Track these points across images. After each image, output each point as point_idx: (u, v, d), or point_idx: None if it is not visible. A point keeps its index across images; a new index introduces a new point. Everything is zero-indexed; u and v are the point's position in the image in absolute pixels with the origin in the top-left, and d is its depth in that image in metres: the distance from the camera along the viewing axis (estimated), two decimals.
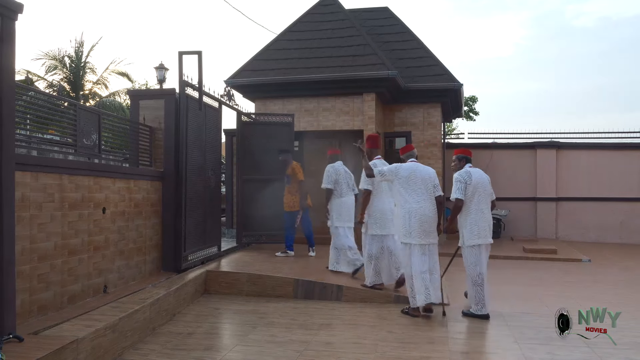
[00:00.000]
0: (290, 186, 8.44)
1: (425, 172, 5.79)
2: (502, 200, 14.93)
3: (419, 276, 5.59)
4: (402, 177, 5.68)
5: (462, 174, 5.75)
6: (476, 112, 23.86)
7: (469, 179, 5.69)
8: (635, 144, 14.95)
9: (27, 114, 5.56)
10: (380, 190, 6.30)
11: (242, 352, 4.51)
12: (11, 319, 3.77)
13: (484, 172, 5.95)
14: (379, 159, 6.45)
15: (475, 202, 5.69)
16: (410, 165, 5.78)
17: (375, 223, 6.31)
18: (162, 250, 6.87)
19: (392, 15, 13.66)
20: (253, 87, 11.34)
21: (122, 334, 4.45)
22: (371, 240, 6.36)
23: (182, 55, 6.84)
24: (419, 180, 5.69)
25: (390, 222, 6.28)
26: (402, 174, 5.69)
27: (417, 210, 5.61)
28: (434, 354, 4.47)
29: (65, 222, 4.94)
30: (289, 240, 8.53)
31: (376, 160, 6.35)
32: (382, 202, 6.32)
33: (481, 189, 5.73)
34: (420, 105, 12.17)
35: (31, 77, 20.67)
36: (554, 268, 9.75)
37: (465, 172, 5.78)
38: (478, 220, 5.69)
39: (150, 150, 7.01)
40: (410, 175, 5.68)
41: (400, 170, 5.71)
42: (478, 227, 5.69)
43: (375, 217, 6.30)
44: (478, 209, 5.69)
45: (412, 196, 5.65)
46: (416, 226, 5.61)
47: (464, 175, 5.72)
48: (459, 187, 5.68)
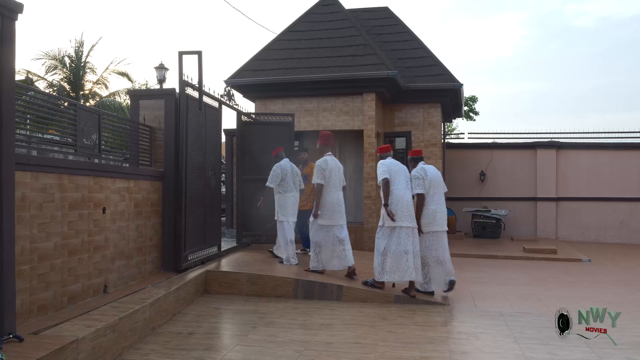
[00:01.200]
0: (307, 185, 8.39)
1: (402, 167, 6.46)
2: (502, 200, 14.99)
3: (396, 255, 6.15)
4: (392, 172, 6.26)
5: (418, 171, 6.43)
6: (476, 112, 23.85)
7: (425, 175, 6.39)
8: (635, 144, 14.96)
9: (27, 114, 5.55)
10: (331, 184, 6.81)
11: (242, 352, 4.51)
12: (11, 319, 3.77)
13: (436, 169, 6.65)
14: (330, 155, 6.96)
15: (431, 195, 6.38)
16: (392, 161, 6.42)
17: (325, 214, 6.78)
18: (162, 250, 6.87)
19: (392, 15, 13.66)
20: (253, 87, 11.34)
21: (122, 334, 4.45)
22: (319, 229, 6.85)
23: (182, 55, 6.84)
24: (401, 174, 6.33)
25: (339, 214, 6.83)
26: (392, 170, 6.28)
27: (402, 197, 6.22)
28: (434, 354, 4.47)
29: (65, 222, 4.94)
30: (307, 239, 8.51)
31: (327, 156, 6.90)
32: (332, 196, 6.81)
33: (436, 183, 6.44)
34: (420, 105, 12.17)
35: (31, 77, 20.65)
36: (554, 268, 9.75)
37: (420, 169, 6.46)
38: (436, 211, 6.37)
39: (150, 150, 7.01)
40: (395, 169, 6.32)
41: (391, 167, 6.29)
42: (435, 216, 6.35)
43: (326, 208, 6.77)
44: (434, 200, 6.38)
45: (396, 186, 6.22)
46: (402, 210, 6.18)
47: (420, 172, 6.41)
48: (418, 183, 6.36)
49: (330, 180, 6.79)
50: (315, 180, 6.77)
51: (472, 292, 7.21)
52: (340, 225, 6.85)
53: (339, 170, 7.01)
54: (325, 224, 6.81)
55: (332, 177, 6.79)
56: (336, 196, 6.84)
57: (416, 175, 6.40)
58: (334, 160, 6.91)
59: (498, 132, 16.35)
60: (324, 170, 6.77)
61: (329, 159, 6.84)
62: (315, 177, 6.77)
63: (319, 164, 6.86)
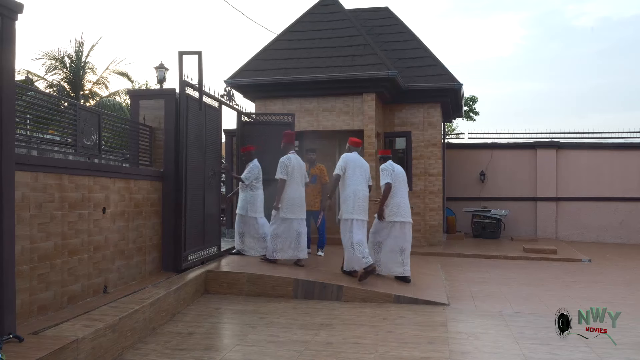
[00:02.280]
0: (314, 186, 8.60)
1: (364, 162, 7.14)
2: (502, 200, 14.99)
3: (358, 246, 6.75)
4: (350, 166, 6.93)
5: (387, 165, 7.17)
6: (476, 112, 23.84)
7: (392, 170, 7.12)
8: (635, 144, 14.96)
9: (27, 114, 5.55)
10: (293, 180, 7.31)
11: (242, 352, 4.51)
12: (11, 319, 3.77)
13: (402, 168, 7.42)
14: (293, 153, 7.47)
15: (397, 189, 7.10)
16: (355, 156, 7.07)
17: (288, 208, 7.29)
18: (162, 250, 6.87)
19: (392, 15, 13.66)
20: (253, 87, 11.34)
21: (122, 334, 4.45)
22: (281, 222, 7.32)
23: (182, 55, 6.84)
24: (362, 169, 7.02)
25: (300, 208, 7.39)
26: (350, 164, 6.95)
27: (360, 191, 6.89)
28: (434, 354, 4.47)
29: (65, 222, 4.94)
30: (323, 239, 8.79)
31: (290, 154, 7.40)
32: (294, 191, 7.32)
33: (400, 179, 7.20)
34: (420, 105, 12.17)
35: (31, 77, 20.66)
36: (554, 268, 9.76)
37: (389, 164, 7.20)
38: (400, 203, 7.13)
39: (150, 150, 7.00)
40: (356, 164, 6.97)
41: (349, 161, 6.97)
42: (399, 208, 7.11)
43: (288, 203, 7.28)
44: (399, 194, 7.14)
45: (352, 180, 6.90)
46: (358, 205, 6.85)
47: (388, 167, 7.15)
48: (386, 174, 7.07)
49: (293, 176, 7.30)
50: (278, 176, 7.26)
51: (472, 292, 7.21)
52: (301, 218, 7.42)
53: (301, 167, 7.49)
54: (287, 217, 7.30)
55: (294, 173, 7.31)
56: (298, 191, 7.38)
57: (384, 168, 7.12)
58: (296, 158, 7.44)
59: (498, 132, 16.38)
60: (287, 167, 7.26)
61: (292, 157, 7.36)
62: (279, 173, 7.26)
63: (283, 160, 7.31)
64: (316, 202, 8.63)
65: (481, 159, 15.41)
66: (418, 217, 12.17)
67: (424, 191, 12.18)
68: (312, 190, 8.56)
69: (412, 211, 12.15)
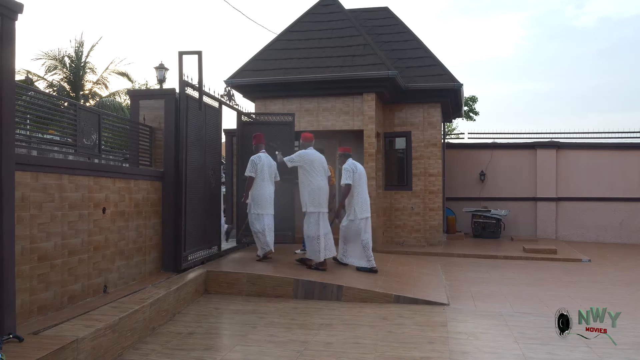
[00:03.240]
0: None
1: (321, 157, 7.50)
2: (502, 200, 14.99)
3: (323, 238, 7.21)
4: (307, 160, 7.30)
5: (349, 164, 7.49)
6: (476, 112, 23.84)
7: (355, 169, 7.46)
8: (635, 144, 14.95)
9: (27, 114, 5.55)
10: (262, 177, 7.61)
11: (242, 352, 4.51)
12: (11, 319, 3.77)
13: (361, 165, 7.80)
14: (264, 152, 7.80)
15: (360, 187, 7.50)
16: (312, 152, 7.45)
17: (257, 204, 7.61)
18: (162, 250, 6.87)
19: (392, 15, 13.65)
20: (253, 87, 11.33)
21: (122, 334, 4.45)
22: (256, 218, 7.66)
23: (182, 55, 6.84)
24: (319, 163, 7.38)
25: (269, 204, 7.65)
26: (308, 158, 7.32)
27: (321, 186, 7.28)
28: (434, 354, 4.47)
29: (65, 222, 4.94)
30: None
31: (261, 153, 7.74)
32: (262, 187, 7.63)
33: (363, 177, 7.57)
34: (420, 105, 12.16)
35: (31, 77, 20.65)
36: (554, 268, 9.75)
37: (351, 163, 7.53)
38: (364, 200, 7.54)
39: (150, 150, 7.00)
40: (314, 159, 7.35)
41: (307, 156, 7.34)
42: (363, 205, 7.52)
43: (258, 199, 7.59)
44: (363, 191, 7.55)
45: (312, 175, 7.26)
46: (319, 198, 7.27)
47: (351, 166, 7.48)
48: (348, 175, 7.38)
49: (262, 174, 7.60)
50: (247, 174, 7.60)
51: (472, 292, 7.21)
52: (269, 214, 7.70)
53: (271, 166, 7.79)
54: (257, 212, 7.63)
55: (263, 171, 7.62)
56: (267, 188, 7.68)
57: (347, 168, 7.44)
58: (267, 156, 7.76)
59: (498, 132, 16.36)
60: (257, 165, 7.58)
61: (262, 156, 7.70)
62: (248, 171, 7.60)
63: (253, 159, 7.66)
64: None
65: (481, 159, 15.40)
66: (418, 217, 12.18)
67: (424, 191, 12.17)
68: None
69: (412, 211, 12.29)
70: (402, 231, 12.21)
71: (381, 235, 11.83)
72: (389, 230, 12.27)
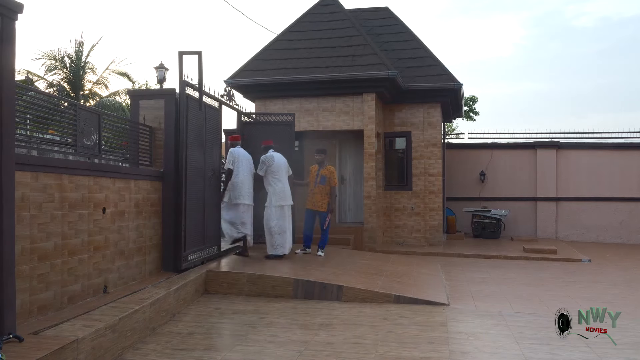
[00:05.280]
0: (323, 187, 8.67)
1: (283, 159, 8.23)
2: (502, 200, 15.00)
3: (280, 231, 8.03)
4: (273, 163, 8.02)
5: (267, 157, 8.10)
6: (476, 112, 23.86)
7: (271, 160, 8.05)
8: (635, 144, 14.96)
9: (27, 114, 5.54)
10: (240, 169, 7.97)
11: (242, 352, 4.51)
12: (11, 319, 3.77)
13: (282, 156, 8.28)
14: (239, 147, 8.14)
15: (279, 176, 8.06)
16: (275, 155, 8.13)
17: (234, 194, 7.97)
18: (162, 250, 6.86)
19: (392, 15, 13.66)
20: (253, 87, 11.34)
21: (122, 334, 4.45)
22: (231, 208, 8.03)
23: (182, 55, 6.83)
24: (282, 165, 8.14)
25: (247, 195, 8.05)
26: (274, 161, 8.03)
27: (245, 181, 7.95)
28: (434, 354, 4.47)
29: (65, 222, 4.94)
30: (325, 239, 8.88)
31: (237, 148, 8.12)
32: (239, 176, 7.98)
33: (282, 167, 8.15)
34: (420, 105, 12.17)
35: (31, 77, 20.65)
36: (554, 268, 9.76)
37: (269, 155, 8.11)
38: (283, 189, 8.11)
39: (150, 150, 7.00)
40: (277, 161, 8.06)
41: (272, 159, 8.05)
42: (283, 193, 8.09)
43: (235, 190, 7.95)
44: (281, 181, 8.08)
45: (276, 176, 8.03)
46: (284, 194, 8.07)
47: (268, 158, 8.08)
48: (262, 167, 8.07)
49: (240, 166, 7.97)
50: (227, 166, 7.96)
51: (472, 292, 7.21)
52: (246, 204, 8.08)
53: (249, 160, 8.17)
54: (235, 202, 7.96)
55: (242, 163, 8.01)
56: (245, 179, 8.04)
57: (263, 160, 8.07)
58: (243, 151, 8.19)
59: (498, 132, 16.38)
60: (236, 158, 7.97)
61: (239, 150, 8.12)
62: (227, 164, 8.00)
63: (232, 151, 8.06)
64: (323, 203, 8.66)
65: (481, 159, 15.41)
66: (418, 217, 12.18)
67: (424, 191, 12.18)
68: (320, 191, 8.65)
69: (412, 211, 12.29)
70: (402, 231, 12.21)
71: (381, 235, 11.82)
72: (389, 230, 12.27)
